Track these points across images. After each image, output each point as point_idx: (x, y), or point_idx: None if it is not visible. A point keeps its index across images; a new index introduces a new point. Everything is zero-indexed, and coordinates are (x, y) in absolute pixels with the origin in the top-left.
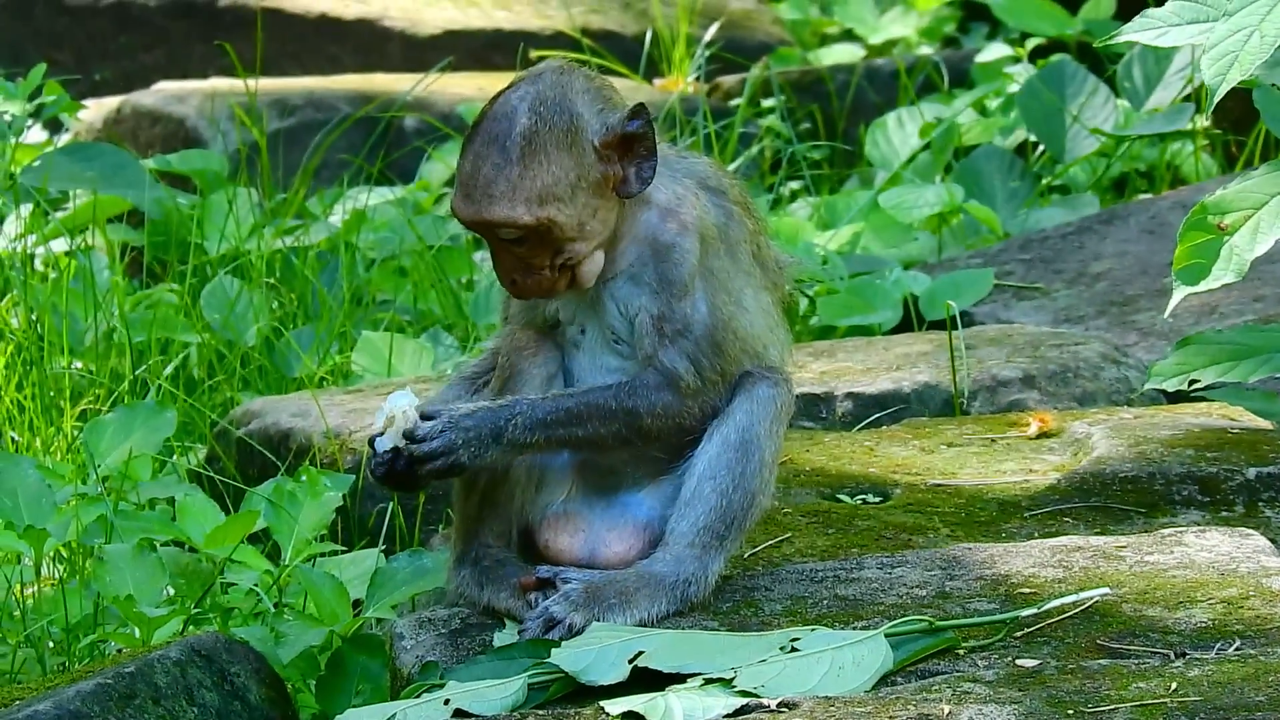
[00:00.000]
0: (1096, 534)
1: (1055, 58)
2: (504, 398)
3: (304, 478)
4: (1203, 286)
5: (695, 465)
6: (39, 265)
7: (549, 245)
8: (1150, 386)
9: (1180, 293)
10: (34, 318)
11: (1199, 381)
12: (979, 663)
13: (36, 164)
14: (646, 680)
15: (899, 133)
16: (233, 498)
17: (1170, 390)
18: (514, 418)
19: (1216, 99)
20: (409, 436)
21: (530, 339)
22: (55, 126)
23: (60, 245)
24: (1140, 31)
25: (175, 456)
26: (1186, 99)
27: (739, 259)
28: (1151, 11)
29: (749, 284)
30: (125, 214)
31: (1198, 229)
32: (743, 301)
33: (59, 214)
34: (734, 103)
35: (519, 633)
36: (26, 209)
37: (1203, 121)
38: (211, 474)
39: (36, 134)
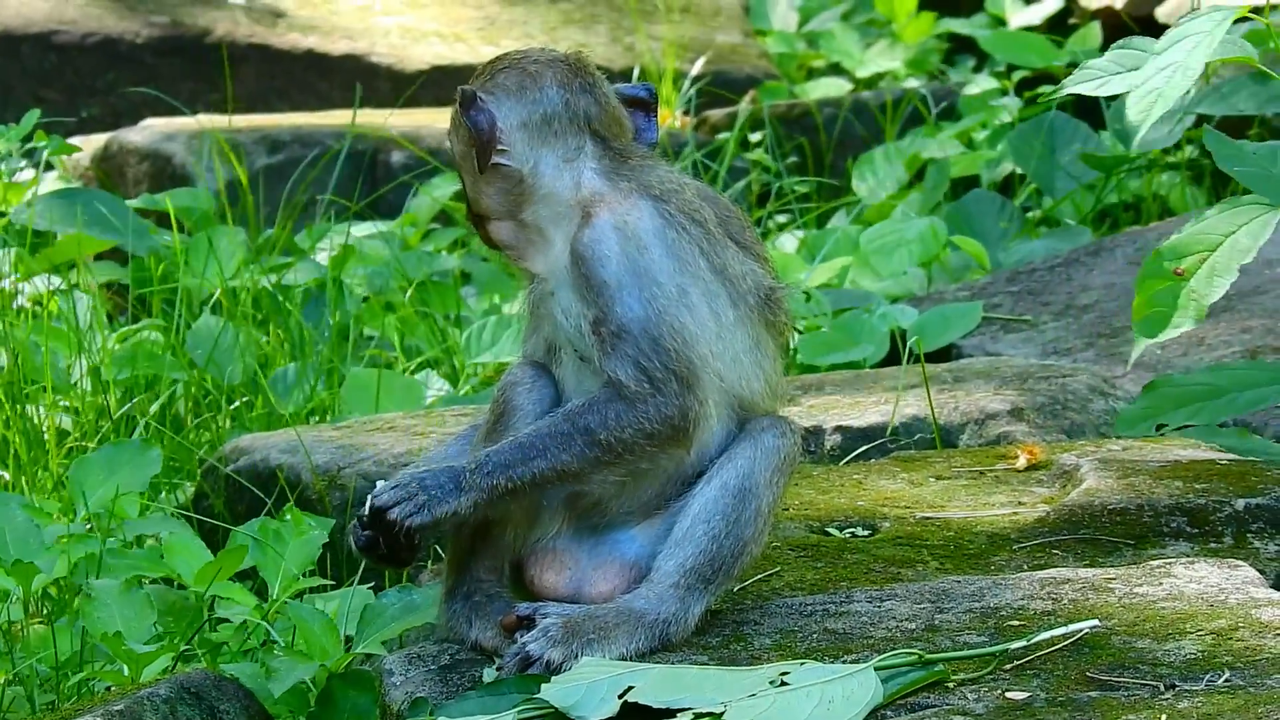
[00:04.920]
0: (1085, 566)
1: (1042, 101)
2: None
3: (288, 518)
4: (1163, 336)
5: (690, 506)
6: (25, 304)
7: (464, 187)
8: (1119, 434)
9: (1141, 345)
10: (18, 357)
11: (1166, 426)
12: (969, 695)
13: (24, 204)
14: (636, 715)
15: (886, 167)
16: (221, 535)
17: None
18: (469, 464)
19: (1141, 134)
20: (372, 500)
21: (526, 374)
22: (45, 164)
23: (44, 283)
24: (1080, 84)
25: (163, 494)
26: (1177, 126)
27: (686, 263)
28: (1091, 62)
29: (697, 287)
30: (111, 250)
31: (1155, 277)
32: (686, 300)
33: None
34: (722, 136)
35: (497, 670)
36: (11, 249)
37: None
38: (198, 515)
39: (25, 171)
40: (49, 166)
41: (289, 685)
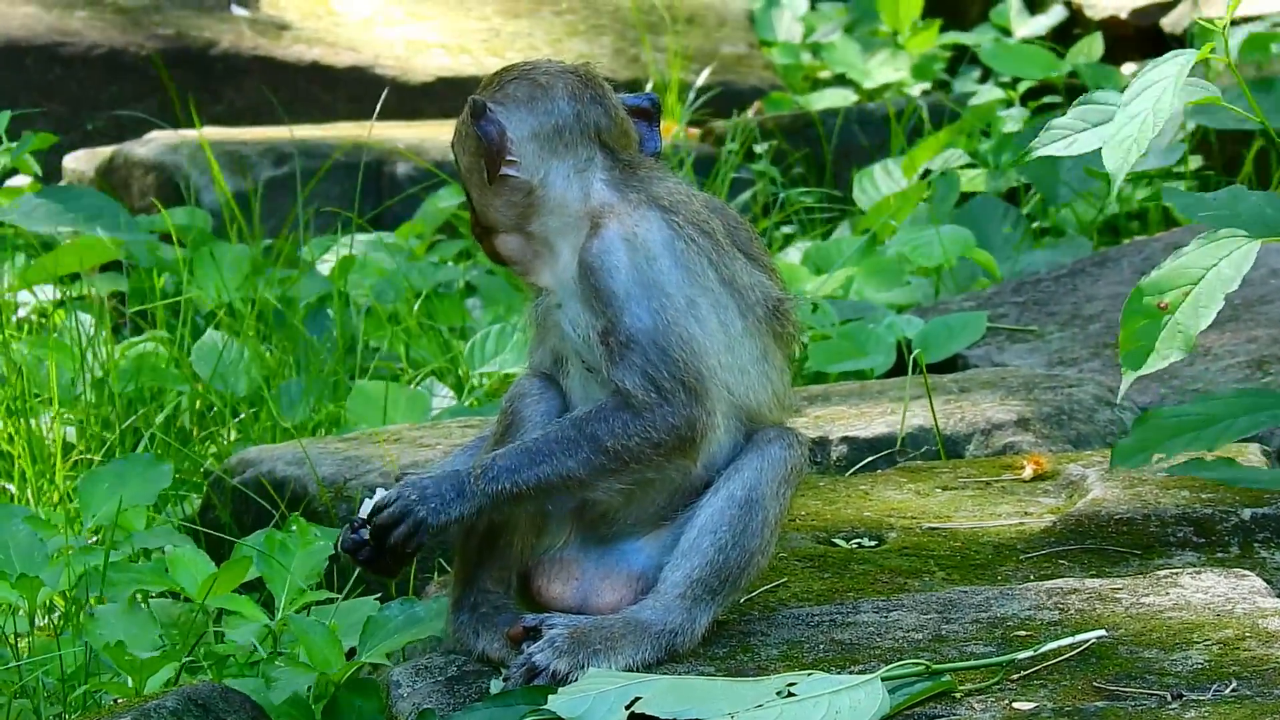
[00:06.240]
0: (1092, 576)
1: (1006, 167)
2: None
3: (294, 528)
4: (1148, 368)
5: (697, 517)
6: (28, 315)
7: (470, 199)
8: (1115, 466)
9: (1129, 377)
10: (19, 368)
11: (1164, 458)
12: (976, 706)
13: (18, 206)
14: None
15: (887, 180)
16: (227, 547)
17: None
18: (475, 469)
19: (1118, 184)
20: (373, 513)
21: (534, 386)
22: (46, 178)
23: (47, 294)
24: (1051, 144)
25: (169, 506)
26: (1181, 141)
27: (694, 274)
28: (1056, 121)
29: (706, 298)
30: (112, 262)
31: (1139, 314)
32: (695, 311)
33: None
34: (727, 147)
35: (503, 681)
36: (11, 255)
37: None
38: (204, 528)
39: (21, 181)
40: (47, 177)
41: (287, 694)
